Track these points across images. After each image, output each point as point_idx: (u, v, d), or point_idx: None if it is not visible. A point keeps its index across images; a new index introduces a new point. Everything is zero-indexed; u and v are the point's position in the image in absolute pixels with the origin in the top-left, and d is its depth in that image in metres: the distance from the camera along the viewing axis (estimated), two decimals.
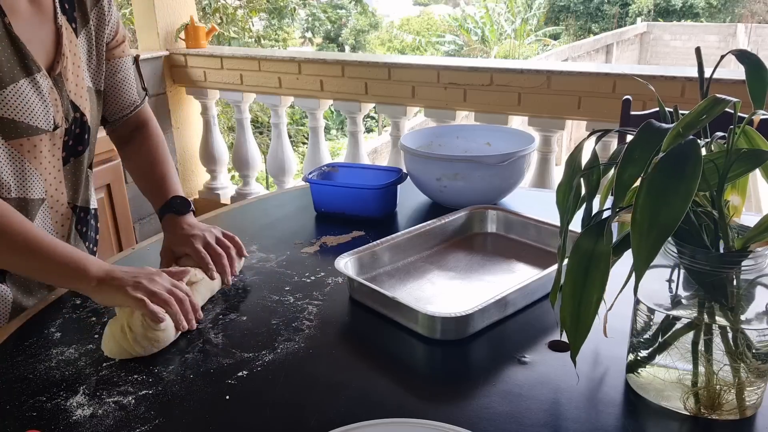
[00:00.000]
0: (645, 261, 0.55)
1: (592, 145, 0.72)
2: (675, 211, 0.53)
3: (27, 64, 0.95)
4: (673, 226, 0.53)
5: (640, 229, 0.54)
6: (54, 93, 1.00)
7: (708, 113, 0.57)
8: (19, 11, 0.95)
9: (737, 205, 0.69)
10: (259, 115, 6.63)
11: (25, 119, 0.95)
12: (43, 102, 0.98)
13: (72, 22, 1.04)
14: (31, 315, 0.95)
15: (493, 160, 1.24)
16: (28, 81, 0.96)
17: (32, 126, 0.96)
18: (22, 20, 0.95)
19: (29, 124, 0.96)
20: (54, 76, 1.00)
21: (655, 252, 0.54)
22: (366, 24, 16.08)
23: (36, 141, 0.98)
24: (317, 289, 1.00)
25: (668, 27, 14.59)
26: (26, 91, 0.95)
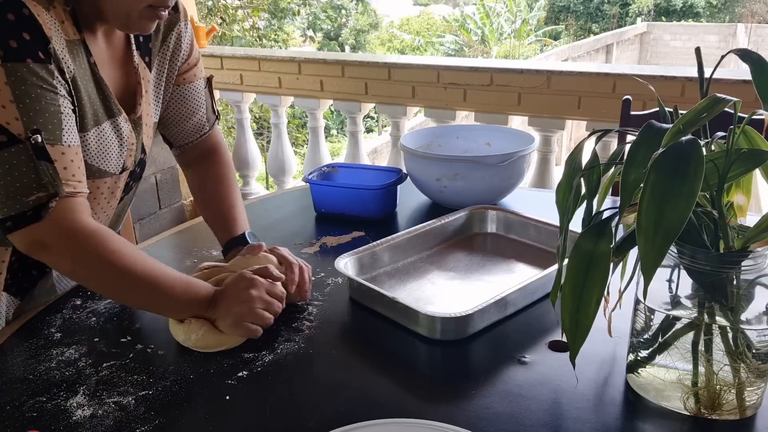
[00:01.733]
0: (653, 265, 0.54)
1: (592, 145, 0.72)
2: (679, 213, 0.53)
3: (109, 107, 0.92)
4: (678, 228, 0.53)
5: (646, 233, 0.54)
6: (132, 137, 0.97)
7: (708, 112, 0.57)
8: (98, 50, 0.91)
9: (742, 205, 0.69)
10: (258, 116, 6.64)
11: (97, 163, 0.92)
12: (120, 146, 0.95)
13: (146, 55, 0.99)
14: (31, 315, 0.95)
15: (493, 160, 1.24)
16: (110, 124, 0.93)
17: (102, 170, 0.94)
18: (100, 59, 0.91)
19: (99, 168, 0.93)
20: (134, 119, 0.97)
21: (662, 255, 0.54)
22: (366, 24, 16.07)
23: (100, 183, 0.95)
24: (317, 290, 1.00)
25: (668, 27, 14.59)
26: (107, 135, 0.92)
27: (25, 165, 0.78)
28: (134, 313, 0.94)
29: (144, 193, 2.76)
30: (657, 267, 0.54)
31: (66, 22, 0.83)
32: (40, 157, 0.79)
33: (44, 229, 0.80)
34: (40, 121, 0.79)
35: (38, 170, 0.79)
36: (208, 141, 1.15)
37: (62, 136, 0.81)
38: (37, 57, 0.79)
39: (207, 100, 1.13)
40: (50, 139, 0.80)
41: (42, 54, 0.79)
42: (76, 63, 0.86)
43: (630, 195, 0.57)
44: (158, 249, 1.17)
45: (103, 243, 0.83)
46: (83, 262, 0.83)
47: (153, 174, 2.80)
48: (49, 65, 0.80)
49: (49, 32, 0.80)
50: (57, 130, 0.81)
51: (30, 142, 0.78)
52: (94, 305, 0.97)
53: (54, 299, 0.99)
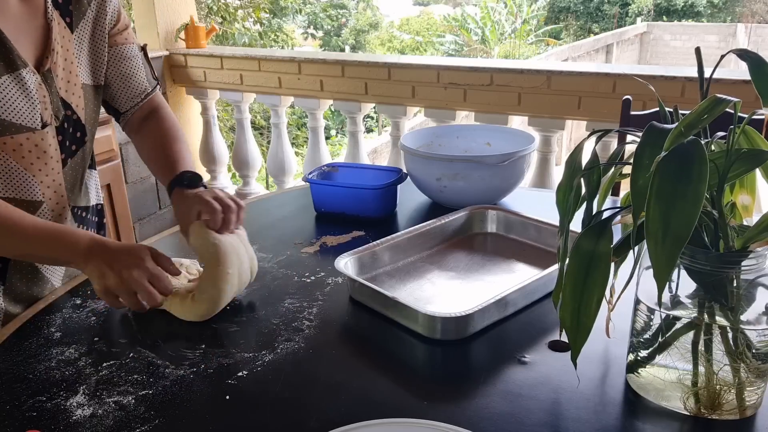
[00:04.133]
0: (665, 270, 0.54)
1: (592, 145, 0.72)
2: (687, 216, 0.53)
3: (11, 59, 0.93)
4: (687, 232, 0.53)
5: (655, 239, 0.54)
6: (42, 90, 0.97)
7: (709, 113, 0.57)
8: (7, 6, 0.93)
9: (748, 205, 0.69)
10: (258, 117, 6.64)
11: (7, 117, 0.93)
12: (28, 99, 0.95)
13: (66, 16, 1.01)
14: (31, 315, 0.95)
15: (493, 160, 1.24)
16: (12, 77, 0.93)
17: (15, 124, 0.94)
18: (10, 15, 0.93)
19: (12, 122, 0.93)
20: (43, 72, 0.97)
21: (673, 261, 0.53)
22: (366, 24, 16.07)
23: (22, 140, 0.96)
24: (317, 289, 1.00)
25: (668, 27, 14.59)
26: (9, 88, 0.93)
27: None
28: (134, 312, 0.94)
29: (144, 193, 2.76)
30: (670, 273, 0.54)
31: None
32: None
33: None
34: None
35: None
36: (151, 103, 1.18)
37: None
38: None
39: (145, 65, 1.16)
40: None
41: None
42: None
43: (642, 200, 0.57)
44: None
45: None
46: None
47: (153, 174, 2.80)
48: None
49: None
50: None
51: None
52: (94, 305, 0.97)
53: (54, 298, 0.99)
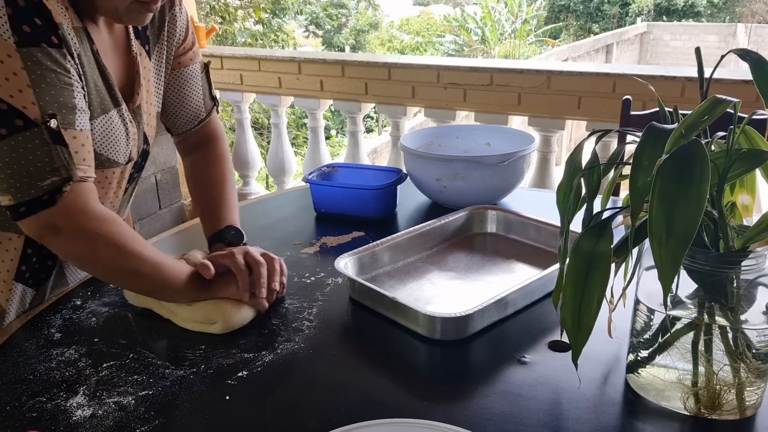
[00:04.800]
0: (670, 271, 0.53)
1: (592, 145, 0.72)
2: (690, 217, 0.53)
3: (114, 95, 0.92)
4: (691, 233, 0.52)
5: (659, 240, 0.54)
6: (133, 126, 0.97)
7: (709, 114, 0.57)
8: (100, 38, 0.90)
9: (748, 205, 0.69)
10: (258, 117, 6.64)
11: (106, 152, 0.92)
12: (126, 135, 0.95)
13: (145, 44, 0.99)
14: (31, 315, 0.95)
15: (493, 160, 1.24)
16: (116, 112, 0.92)
17: (110, 159, 0.93)
18: (102, 48, 0.90)
19: (108, 158, 0.93)
20: (133, 108, 0.97)
21: (678, 262, 0.53)
22: (366, 24, 16.07)
23: (108, 173, 0.95)
24: (317, 290, 1.00)
25: (668, 27, 14.59)
26: (114, 124, 0.92)
27: (40, 149, 0.78)
28: (134, 313, 0.95)
29: (144, 193, 2.76)
30: (675, 275, 0.53)
31: (69, 9, 0.84)
32: (56, 141, 0.79)
33: (57, 213, 0.81)
34: (55, 105, 0.79)
35: (52, 154, 0.79)
36: (206, 129, 1.15)
37: (75, 120, 0.82)
38: (50, 41, 0.79)
39: (204, 86, 1.12)
40: (64, 123, 0.80)
41: (55, 38, 0.80)
42: (82, 50, 0.86)
43: (641, 201, 0.57)
44: (158, 249, 1.17)
45: (113, 226, 0.84)
46: (94, 244, 0.83)
47: (153, 174, 2.80)
48: (62, 49, 0.80)
49: (58, 17, 0.80)
50: (70, 115, 0.81)
51: (45, 126, 0.78)
52: (94, 305, 0.97)
53: (55, 299, 0.99)
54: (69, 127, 0.81)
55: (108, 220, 0.84)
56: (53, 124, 0.79)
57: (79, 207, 0.82)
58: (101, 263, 0.86)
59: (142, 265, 0.86)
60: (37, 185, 0.79)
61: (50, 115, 0.79)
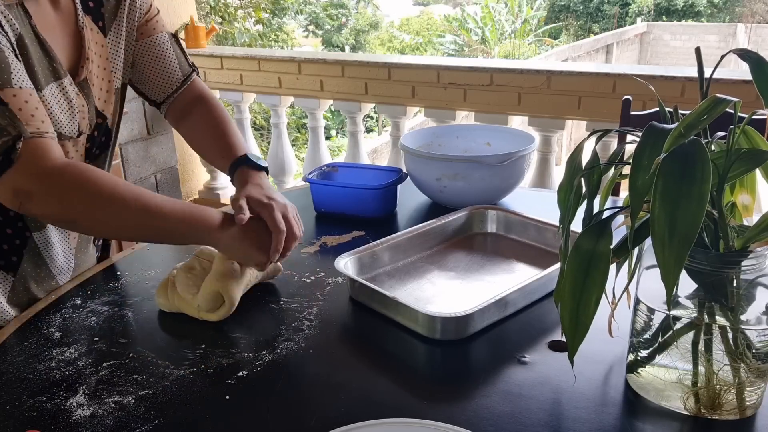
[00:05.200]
0: (673, 272, 0.53)
1: (592, 145, 0.72)
2: (692, 216, 0.53)
3: (55, 68, 0.92)
4: (693, 232, 0.52)
5: (661, 240, 0.54)
6: (80, 99, 0.97)
7: (709, 113, 0.57)
8: (41, 14, 0.92)
9: (748, 204, 0.69)
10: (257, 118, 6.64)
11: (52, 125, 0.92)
12: (70, 108, 0.95)
13: (98, 20, 1.00)
14: (31, 315, 0.95)
15: (493, 160, 1.24)
16: (57, 85, 0.93)
17: (57, 133, 0.92)
18: (44, 23, 0.92)
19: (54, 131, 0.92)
20: (78, 81, 0.97)
21: (681, 262, 0.53)
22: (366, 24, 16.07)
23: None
24: (317, 289, 1.00)
25: (668, 27, 14.59)
26: (56, 96, 0.92)
27: None
28: (134, 313, 0.95)
29: None
30: (679, 275, 0.53)
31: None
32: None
33: (19, 174, 0.81)
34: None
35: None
36: (191, 93, 1.15)
37: (11, 79, 0.82)
38: None
39: (176, 52, 1.13)
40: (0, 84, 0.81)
41: None
42: (20, 24, 0.87)
43: (640, 200, 0.57)
44: (158, 249, 1.17)
45: (81, 174, 0.83)
46: (68, 198, 0.83)
47: (153, 174, 2.80)
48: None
49: None
50: (5, 74, 0.82)
51: None
52: (94, 305, 0.97)
53: (54, 298, 0.99)
54: (5, 85, 0.81)
55: (74, 169, 0.83)
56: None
57: (41, 162, 0.82)
58: (83, 217, 0.85)
59: (125, 207, 0.84)
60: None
61: None
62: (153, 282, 1.03)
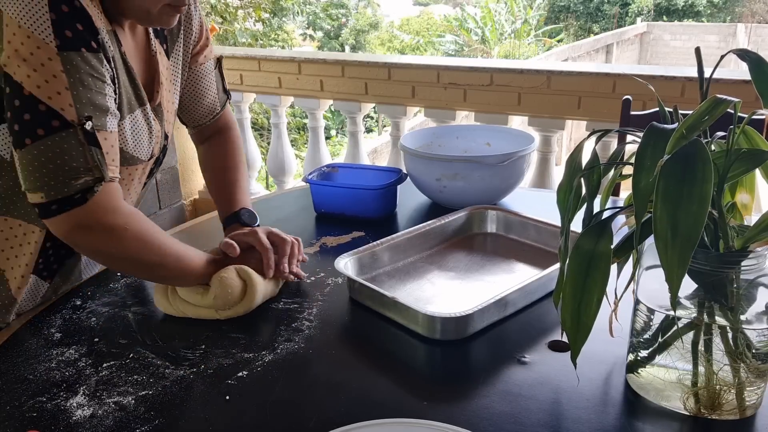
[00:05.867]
0: (678, 273, 0.53)
1: (592, 145, 0.72)
2: (694, 217, 0.53)
3: (139, 95, 0.94)
4: (696, 233, 0.52)
5: (664, 241, 0.54)
6: (157, 124, 1.00)
7: (710, 114, 0.57)
8: (126, 40, 0.93)
9: (747, 203, 0.69)
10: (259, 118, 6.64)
11: (131, 150, 0.95)
12: (149, 133, 0.98)
13: (163, 43, 1.02)
14: (31, 316, 0.95)
15: (493, 160, 1.24)
16: (141, 111, 0.95)
17: (135, 157, 0.96)
18: (127, 49, 0.93)
19: (133, 155, 0.96)
20: (154, 107, 0.99)
21: (685, 263, 0.53)
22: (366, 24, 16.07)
23: (132, 170, 0.98)
24: (317, 289, 1.00)
25: (668, 27, 14.59)
26: (140, 122, 0.95)
27: (75, 149, 0.81)
28: (134, 313, 0.95)
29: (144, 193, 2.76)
30: (683, 275, 0.53)
31: (101, 13, 0.86)
32: (91, 142, 0.82)
33: (87, 211, 0.83)
34: (91, 108, 0.82)
35: (87, 155, 0.81)
36: (220, 120, 1.20)
37: (107, 122, 0.84)
38: (90, 46, 0.81)
39: (217, 81, 1.17)
40: (98, 125, 0.83)
41: (94, 43, 0.82)
42: (115, 52, 0.88)
43: (644, 202, 0.56)
44: None
45: (139, 222, 0.87)
46: (122, 240, 0.86)
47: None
48: (99, 54, 0.83)
49: (98, 22, 0.82)
50: (103, 117, 0.84)
51: (81, 128, 0.80)
52: (94, 305, 0.97)
53: (55, 299, 0.99)
54: (102, 129, 0.83)
55: (133, 216, 0.87)
56: (89, 126, 0.81)
57: (109, 205, 0.85)
58: (128, 257, 0.89)
59: (165, 257, 0.89)
60: (70, 184, 0.81)
61: (86, 117, 0.81)
62: (153, 283, 1.03)
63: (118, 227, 0.85)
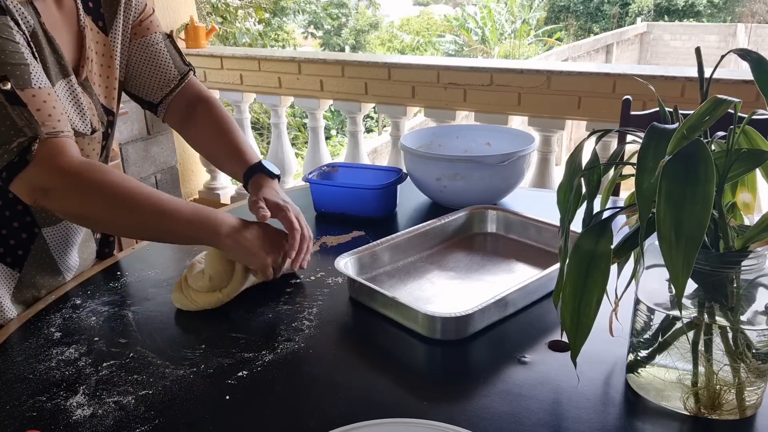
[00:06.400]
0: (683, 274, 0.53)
1: (592, 145, 0.72)
2: (698, 218, 0.53)
3: (63, 66, 0.93)
4: (700, 234, 0.52)
5: (668, 242, 0.53)
6: (85, 97, 0.98)
7: (711, 115, 0.57)
8: (48, 13, 0.92)
9: (749, 203, 0.69)
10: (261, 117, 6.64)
11: None
12: (78, 105, 0.96)
13: (99, 20, 1.01)
14: (31, 315, 0.95)
15: (493, 160, 1.24)
16: (66, 83, 0.94)
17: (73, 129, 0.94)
18: (50, 22, 0.93)
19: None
20: (80, 81, 0.98)
21: (689, 263, 0.53)
22: (366, 24, 16.07)
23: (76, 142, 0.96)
24: (317, 290, 1.00)
25: (668, 27, 14.59)
26: (65, 94, 0.94)
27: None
28: (134, 313, 0.95)
29: None
30: (688, 276, 0.53)
31: None
32: (13, 102, 0.80)
33: (36, 172, 0.82)
34: (8, 69, 0.81)
35: (12, 116, 0.80)
36: (188, 93, 1.15)
37: (30, 79, 0.83)
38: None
39: (171, 52, 1.13)
40: (19, 84, 0.81)
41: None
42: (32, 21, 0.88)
43: (648, 203, 0.56)
44: (158, 248, 1.17)
45: (100, 174, 0.85)
46: (86, 197, 0.84)
47: (153, 174, 2.80)
48: (4, 16, 0.82)
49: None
50: (25, 75, 0.82)
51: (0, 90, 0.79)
52: (94, 305, 0.97)
53: (54, 298, 0.99)
54: (26, 86, 0.82)
55: (93, 169, 0.84)
56: (7, 86, 0.80)
57: (57, 163, 0.83)
58: (100, 215, 0.87)
59: (141, 208, 0.86)
60: (6, 148, 0.80)
61: (2, 78, 0.80)
62: (153, 282, 1.03)
63: (74, 184, 0.83)
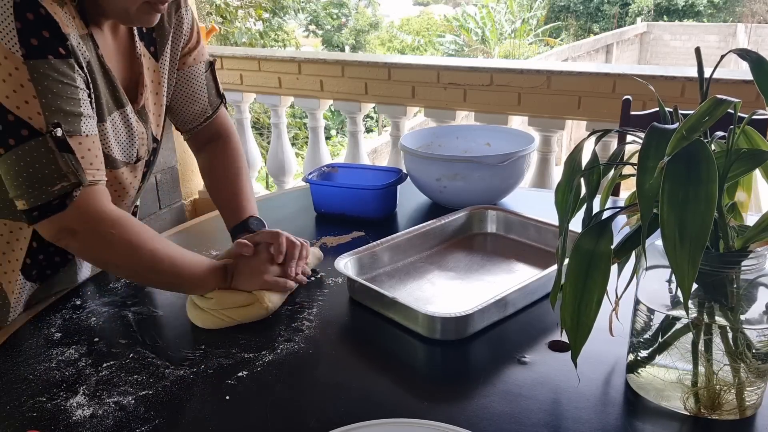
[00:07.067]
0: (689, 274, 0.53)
1: (592, 145, 0.72)
2: (701, 218, 0.53)
3: (118, 97, 0.94)
4: (704, 234, 0.52)
5: (672, 243, 0.53)
6: (140, 125, 0.99)
7: (711, 115, 0.57)
8: (104, 43, 0.92)
9: (743, 201, 0.69)
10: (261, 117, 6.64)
11: (111, 152, 0.94)
12: (130, 135, 0.97)
13: (150, 45, 1.01)
14: (31, 315, 0.95)
15: (493, 161, 1.24)
16: (119, 114, 0.95)
17: (116, 159, 0.96)
18: (107, 52, 0.93)
19: (114, 158, 0.95)
20: (137, 109, 0.99)
21: (695, 264, 0.53)
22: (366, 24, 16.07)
23: (118, 173, 0.97)
24: (317, 290, 1.00)
25: (668, 27, 14.58)
26: (117, 125, 0.95)
27: (45, 157, 0.81)
28: (134, 313, 0.95)
29: (144, 193, 2.75)
30: (694, 277, 0.53)
31: (76, 17, 0.86)
32: (62, 148, 0.82)
33: (70, 216, 0.83)
34: (61, 114, 0.82)
35: (59, 161, 0.82)
36: (214, 125, 1.17)
37: (80, 127, 0.84)
38: (57, 53, 0.81)
39: (209, 84, 1.14)
40: (70, 131, 0.82)
41: (62, 49, 0.82)
42: (90, 56, 0.88)
43: (649, 203, 0.56)
44: None
45: (127, 227, 0.87)
46: (110, 246, 0.86)
47: (153, 174, 2.79)
48: (69, 59, 0.83)
49: (65, 29, 0.82)
50: (76, 122, 0.83)
51: (50, 135, 0.81)
52: (94, 305, 0.97)
53: (55, 299, 0.99)
54: (75, 133, 0.83)
55: (121, 221, 0.87)
56: (59, 132, 0.81)
57: (91, 210, 0.85)
58: (118, 263, 0.89)
59: (159, 262, 0.89)
60: (47, 191, 0.82)
61: (55, 124, 0.81)
62: None
63: (102, 232, 0.85)
